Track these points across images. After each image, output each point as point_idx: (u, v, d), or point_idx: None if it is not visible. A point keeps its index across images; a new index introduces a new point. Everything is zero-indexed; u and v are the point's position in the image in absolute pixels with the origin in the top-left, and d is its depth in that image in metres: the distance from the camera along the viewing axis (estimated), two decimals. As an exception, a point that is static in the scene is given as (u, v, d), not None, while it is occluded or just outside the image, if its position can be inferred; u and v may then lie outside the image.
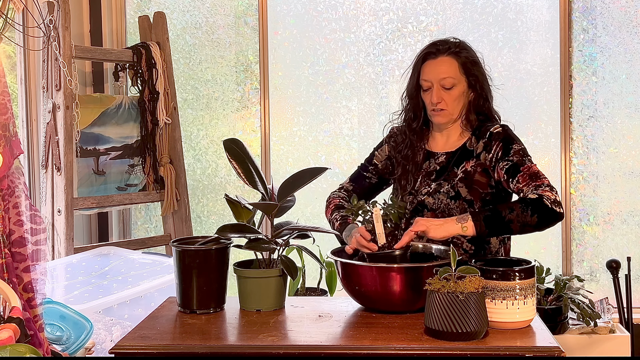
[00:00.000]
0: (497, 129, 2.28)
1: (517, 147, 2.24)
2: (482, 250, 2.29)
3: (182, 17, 3.90)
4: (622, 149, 3.76)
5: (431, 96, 2.28)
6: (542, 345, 1.69)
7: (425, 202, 2.30)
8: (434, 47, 2.31)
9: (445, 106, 2.28)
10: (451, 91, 2.28)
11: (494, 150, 2.25)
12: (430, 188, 2.31)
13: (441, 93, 2.27)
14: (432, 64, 2.29)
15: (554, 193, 2.12)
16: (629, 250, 3.72)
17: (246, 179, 2.04)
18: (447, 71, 2.27)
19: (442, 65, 2.28)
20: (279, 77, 3.89)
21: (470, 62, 2.30)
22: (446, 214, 2.25)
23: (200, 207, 3.94)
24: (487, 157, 2.26)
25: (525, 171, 2.18)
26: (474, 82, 2.31)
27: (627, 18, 3.72)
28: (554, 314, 3.26)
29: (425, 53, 2.32)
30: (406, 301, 1.92)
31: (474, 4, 3.79)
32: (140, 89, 3.52)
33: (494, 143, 2.26)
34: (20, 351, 1.55)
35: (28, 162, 3.40)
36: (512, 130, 2.30)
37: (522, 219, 2.07)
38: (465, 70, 2.29)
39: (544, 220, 2.09)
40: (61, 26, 3.11)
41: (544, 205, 2.08)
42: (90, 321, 2.12)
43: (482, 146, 2.28)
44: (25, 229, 1.90)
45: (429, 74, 2.29)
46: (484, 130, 2.30)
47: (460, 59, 2.29)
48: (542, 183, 2.14)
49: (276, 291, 2.01)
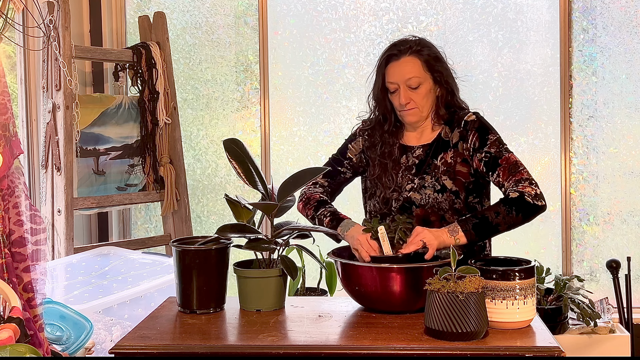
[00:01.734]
0: (471, 117, 2.31)
1: (492, 137, 2.27)
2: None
3: (182, 17, 3.90)
4: (622, 149, 3.75)
5: (399, 98, 2.29)
6: (542, 345, 1.69)
7: (412, 199, 2.31)
8: (395, 49, 2.31)
9: (415, 105, 2.29)
10: (418, 90, 2.29)
11: (471, 140, 2.28)
12: (414, 183, 2.32)
13: (409, 93, 2.28)
14: (396, 66, 2.29)
15: (533, 187, 2.17)
16: (629, 250, 3.72)
17: (246, 179, 2.04)
18: (411, 71, 2.27)
19: (406, 65, 2.28)
20: (279, 77, 3.89)
21: (433, 59, 2.31)
22: (435, 208, 2.28)
23: (200, 207, 3.94)
24: (465, 147, 2.29)
25: (504, 164, 2.21)
26: (439, 78, 2.31)
27: (627, 18, 3.72)
28: (554, 314, 3.26)
29: (387, 55, 2.32)
30: (406, 301, 1.92)
31: (474, 4, 3.79)
32: (140, 89, 3.52)
33: (469, 133, 2.28)
34: (20, 351, 1.55)
35: (28, 162, 3.40)
36: (485, 118, 2.33)
37: (508, 220, 2.13)
38: (429, 68, 2.30)
39: (528, 216, 2.15)
40: (61, 26, 3.11)
41: (526, 203, 2.13)
42: (90, 321, 2.12)
43: (458, 135, 2.30)
44: (25, 229, 1.90)
45: (394, 75, 2.29)
46: (457, 119, 2.33)
47: (422, 57, 2.29)
48: (521, 177, 2.18)
49: (276, 291, 2.01)
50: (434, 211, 2.29)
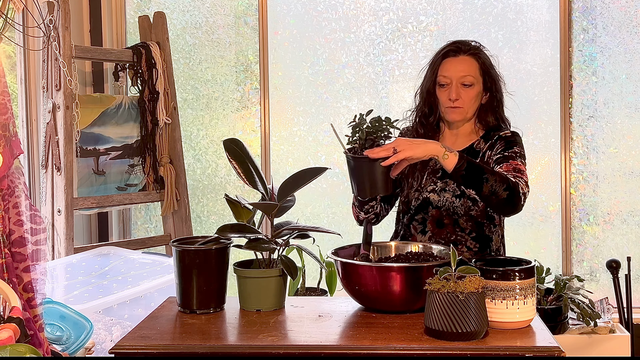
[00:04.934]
0: (506, 134, 2.34)
1: (517, 149, 2.29)
2: (488, 248, 2.33)
3: (182, 17, 3.90)
4: (622, 149, 3.76)
5: (449, 93, 2.32)
6: (542, 345, 1.69)
7: (430, 200, 2.35)
8: (455, 46, 2.36)
9: (462, 104, 2.32)
10: (469, 89, 2.32)
11: (496, 148, 2.31)
12: (436, 186, 2.36)
13: (459, 90, 2.31)
14: (453, 62, 2.34)
15: (527, 190, 2.18)
16: (629, 250, 3.72)
17: (246, 179, 2.04)
18: (467, 69, 2.32)
19: (463, 63, 2.33)
20: (279, 77, 3.89)
21: (488, 64, 2.37)
22: (450, 212, 2.32)
23: (200, 207, 3.94)
24: (489, 154, 2.32)
25: (512, 163, 2.23)
26: (490, 84, 2.36)
27: (627, 18, 3.72)
28: (554, 314, 3.26)
29: (446, 51, 2.36)
30: (406, 301, 1.92)
31: (474, 4, 3.79)
32: (140, 89, 3.52)
33: (498, 142, 2.32)
34: (20, 351, 1.55)
35: (28, 162, 3.40)
36: (520, 138, 2.35)
37: (495, 187, 2.09)
38: (483, 71, 2.35)
39: (508, 201, 2.12)
40: (61, 26, 3.11)
41: (517, 191, 2.14)
42: (90, 321, 2.12)
43: (488, 146, 2.34)
44: (25, 229, 1.90)
45: (449, 70, 2.33)
46: (493, 134, 2.36)
47: (479, 59, 2.35)
48: (522, 177, 2.20)
49: (276, 291, 2.01)
50: (448, 214, 2.33)
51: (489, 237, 2.35)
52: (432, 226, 2.35)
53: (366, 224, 2.15)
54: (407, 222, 2.40)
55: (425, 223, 2.36)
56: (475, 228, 2.33)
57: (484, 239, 2.34)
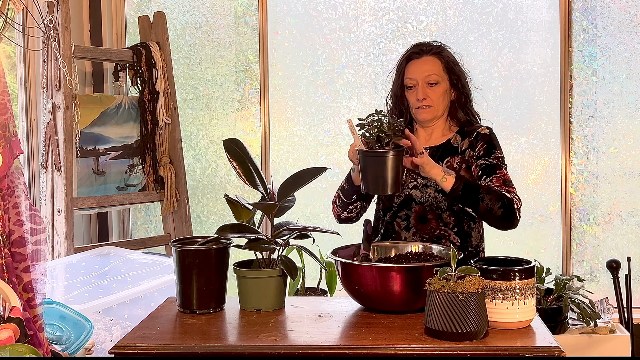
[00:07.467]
0: (484, 130, 2.40)
1: (498, 153, 2.37)
2: (466, 244, 2.39)
3: (182, 17, 3.90)
4: (622, 149, 3.76)
5: (416, 93, 2.38)
6: (542, 345, 1.69)
7: (413, 196, 2.40)
8: (417, 48, 2.44)
9: (431, 102, 2.38)
10: (435, 88, 2.38)
11: (477, 149, 2.37)
12: (417, 182, 2.40)
13: (426, 90, 2.38)
14: (417, 63, 2.41)
15: (520, 205, 2.26)
16: (629, 250, 3.72)
17: (246, 179, 2.04)
18: (431, 69, 2.39)
19: (427, 63, 2.40)
20: (279, 77, 3.89)
21: (452, 62, 2.43)
22: (434, 207, 2.37)
23: (200, 207, 3.94)
24: (471, 154, 2.37)
25: (500, 175, 2.31)
26: (455, 81, 2.42)
27: (627, 18, 3.72)
28: (554, 314, 3.26)
29: (409, 54, 2.44)
30: (406, 301, 1.92)
31: (474, 4, 3.79)
32: (140, 89, 3.52)
33: (479, 143, 2.37)
34: (20, 351, 1.55)
35: (28, 162, 3.40)
36: (495, 135, 2.42)
37: (491, 205, 2.19)
38: (447, 69, 2.41)
39: (504, 218, 2.21)
40: (61, 26, 3.11)
41: (512, 207, 2.22)
42: (90, 321, 2.12)
43: (468, 144, 2.39)
44: (25, 229, 1.90)
45: (414, 72, 2.40)
46: (471, 129, 2.42)
47: (443, 58, 2.42)
48: (513, 191, 2.28)
49: (276, 291, 2.01)
50: (432, 209, 2.37)
51: (468, 233, 2.40)
52: (416, 222, 2.39)
53: (366, 224, 2.15)
54: (390, 220, 2.43)
55: (409, 219, 2.40)
56: (457, 223, 2.38)
57: (464, 234, 2.39)
